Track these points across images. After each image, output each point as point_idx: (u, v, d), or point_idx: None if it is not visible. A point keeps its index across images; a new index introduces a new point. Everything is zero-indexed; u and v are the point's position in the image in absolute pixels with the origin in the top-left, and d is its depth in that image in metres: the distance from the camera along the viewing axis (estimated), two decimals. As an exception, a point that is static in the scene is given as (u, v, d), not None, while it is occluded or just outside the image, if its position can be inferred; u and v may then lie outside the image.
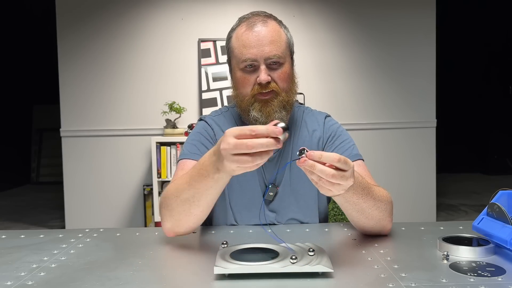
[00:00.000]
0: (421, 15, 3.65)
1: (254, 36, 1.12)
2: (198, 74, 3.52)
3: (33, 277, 0.81)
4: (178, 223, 1.01)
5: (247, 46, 1.12)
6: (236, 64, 1.16)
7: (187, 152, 1.18)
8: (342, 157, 0.80)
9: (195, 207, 0.97)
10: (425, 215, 3.68)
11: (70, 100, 3.49)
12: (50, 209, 4.82)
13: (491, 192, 1.02)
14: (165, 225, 1.03)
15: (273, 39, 1.12)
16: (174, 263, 0.93)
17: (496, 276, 0.78)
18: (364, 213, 0.98)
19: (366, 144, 3.58)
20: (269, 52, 1.11)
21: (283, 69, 1.14)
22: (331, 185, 0.81)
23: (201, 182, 0.92)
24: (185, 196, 0.96)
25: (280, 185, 1.21)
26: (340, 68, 3.63)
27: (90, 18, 3.48)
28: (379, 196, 1.00)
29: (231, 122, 1.26)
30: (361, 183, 0.94)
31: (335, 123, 1.29)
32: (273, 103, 1.13)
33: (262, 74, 1.11)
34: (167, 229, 1.03)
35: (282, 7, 3.48)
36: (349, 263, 0.86)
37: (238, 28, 1.16)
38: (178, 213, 0.99)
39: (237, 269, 0.77)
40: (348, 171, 0.81)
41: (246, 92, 1.15)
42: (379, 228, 1.04)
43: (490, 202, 0.94)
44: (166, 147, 3.24)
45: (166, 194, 1.02)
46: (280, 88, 1.14)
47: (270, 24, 1.14)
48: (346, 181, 0.82)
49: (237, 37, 1.15)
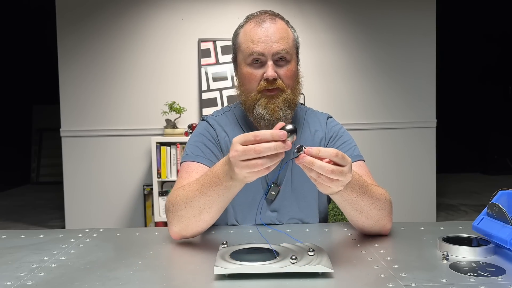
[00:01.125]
0: (421, 15, 3.65)
1: (263, 32, 1.13)
2: (198, 74, 3.52)
3: (33, 277, 0.81)
4: (187, 228, 1.01)
5: (255, 41, 1.12)
6: (243, 59, 1.16)
7: (190, 154, 1.18)
8: (339, 152, 0.81)
9: (205, 214, 0.97)
10: (425, 215, 3.68)
11: (70, 100, 3.49)
12: (50, 209, 4.82)
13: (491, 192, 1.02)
14: (173, 229, 1.03)
15: (281, 36, 1.13)
16: (174, 263, 0.93)
17: (496, 276, 0.78)
18: (362, 212, 0.98)
19: (366, 144, 3.58)
20: (277, 47, 1.12)
21: (290, 67, 1.15)
22: (330, 181, 0.82)
23: (214, 190, 0.92)
24: (196, 203, 0.96)
25: (281, 184, 1.21)
26: (340, 68, 3.63)
27: (90, 18, 3.48)
28: (378, 195, 1.00)
29: (234, 122, 1.26)
30: (359, 181, 0.94)
31: (337, 124, 1.29)
32: (278, 100, 1.13)
33: (269, 70, 1.11)
34: (174, 233, 1.03)
35: (282, 7, 3.48)
36: (349, 263, 0.86)
37: (246, 25, 1.17)
38: (187, 219, 0.99)
39: (237, 269, 0.77)
40: (346, 166, 0.82)
41: (252, 87, 1.15)
42: (379, 228, 1.04)
43: (490, 202, 0.94)
44: (166, 147, 3.24)
45: (174, 199, 1.02)
46: (286, 85, 1.14)
47: (278, 22, 1.16)
48: (345, 177, 0.82)
49: (245, 33, 1.16)
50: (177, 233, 1.02)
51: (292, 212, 1.22)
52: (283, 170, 1.21)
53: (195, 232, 1.02)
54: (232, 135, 1.21)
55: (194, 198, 0.96)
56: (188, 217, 0.99)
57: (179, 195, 1.01)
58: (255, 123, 1.18)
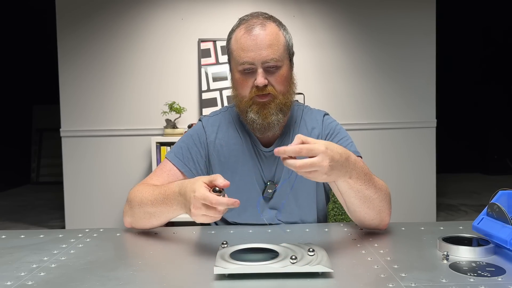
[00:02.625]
0: (421, 15, 3.65)
1: (252, 40, 1.13)
2: (198, 74, 3.52)
3: (33, 277, 0.81)
4: (137, 223, 1.13)
5: (245, 50, 1.13)
6: (235, 66, 1.18)
7: (173, 154, 1.25)
8: (304, 146, 0.85)
9: (154, 220, 1.10)
10: (425, 215, 3.68)
11: (70, 100, 3.49)
12: (50, 209, 4.82)
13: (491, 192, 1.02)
14: (126, 219, 1.15)
15: (271, 43, 1.13)
16: (174, 263, 0.93)
17: (496, 276, 0.78)
18: (366, 202, 1.01)
19: (366, 144, 3.58)
20: (266, 56, 1.12)
21: (281, 72, 1.15)
22: (308, 174, 0.87)
23: (164, 207, 1.05)
24: (148, 209, 1.08)
25: (278, 182, 1.22)
26: (340, 68, 3.63)
27: (90, 18, 3.48)
28: (380, 185, 1.04)
29: (229, 122, 1.28)
30: (363, 169, 0.98)
31: (333, 121, 1.31)
32: (270, 106, 1.16)
33: (259, 78, 1.13)
34: (126, 222, 1.16)
35: (282, 7, 3.48)
36: (349, 263, 0.86)
37: (237, 30, 1.18)
38: (138, 218, 1.12)
39: (237, 269, 0.77)
40: (317, 156, 0.85)
41: (245, 94, 1.17)
42: (378, 221, 1.06)
43: (490, 202, 0.94)
44: (166, 147, 3.24)
45: (133, 197, 1.13)
46: (277, 91, 1.16)
47: (268, 27, 1.15)
48: (319, 166, 0.85)
49: (235, 40, 1.17)
50: (129, 223, 1.15)
51: (290, 209, 1.22)
52: (281, 169, 1.22)
53: (144, 228, 1.15)
54: (225, 135, 1.26)
55: (146, 205, 1.08)
56: (139, 217, 1.11)
57: (137, 195, 1.12)
58: (248, 126, 1.21)
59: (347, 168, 0.92)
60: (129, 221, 1.15)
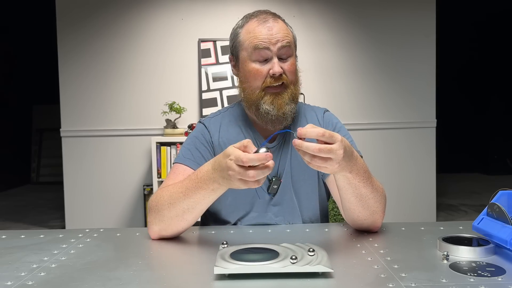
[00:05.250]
0: (421, 15, 3.65)
1: (267, 29, 1.16)
2: (198, 74, 3.52)
3: (33, 277, 0.81)
4: (167, 228, 1.04)
5: (260, 38, 1.15)
6: (248, 56, 1.17)
7: (182, 156, 1.22)
8: (327, 131, 0.85)
9: (188, 214, 1.02)
10: (425, 215, 3.68)
11: (70, 100, 3.49)
12: (50, 209, 4.82)
13: (491, 192, 1.02)
14: (153, 228, 1.06)
15: (285, 33, 1.17)
16: (174, 263, 0.93)
17: (496, 276, 0.78)
18: (361, 200, 1.01)
19: (366, 144, 3.58)
20: (282, 41, 1.15)
21: (292, 61, 1.18)
22: (323, 161, 0.86)
23: (199, 193, 0.98)
24: (180, 204, 1.01)
25: (282, 177, 1.23)
26: (340, 68, 3.63)
27: (90, 18, 3.48)
28: (377, 186, 1.04)
29: (230, 122, 1.28)
30: (363, 166, 0.99)
31: (334, 118, 1.33)
32: (283, 95, 1.17)
33: (276, 66, 1.14)
34: (154, 232, 1.06)
35: (282, 7, 3.48)
36: (349, 263, 0.86)
37: (248, 24, 1.19)
38: (169, 219, 1.03)
39: (237, 269, 0.77)
40: (335, 143, 0.85)
41: (257, 85, 1.17)
42: (371, 222, 1.06)
43: (490, 202, 0.94)
44: (166, 147, 3.24)
45: (158, 200, 1.05)
46: (289, 80, 1.18)
47: (279, 21, 1.20)
48: (335, 154, 0.85)
49: (248, 31, 1.18)
50: (156, 232, 1.05)
51: (292, 204, 1.22)
52: (282, 164, 1.23)
53: (175, 232, 1.06)
54: (227, 135, 1.25)
55: (178, 199, 1.01)
56: (170, 217, 1.02)
57: (163, 196, 1.05)
58: (260, 119, 1.20)
59: (350, 162, 0.93)
60: (156, 230, 1.05)
